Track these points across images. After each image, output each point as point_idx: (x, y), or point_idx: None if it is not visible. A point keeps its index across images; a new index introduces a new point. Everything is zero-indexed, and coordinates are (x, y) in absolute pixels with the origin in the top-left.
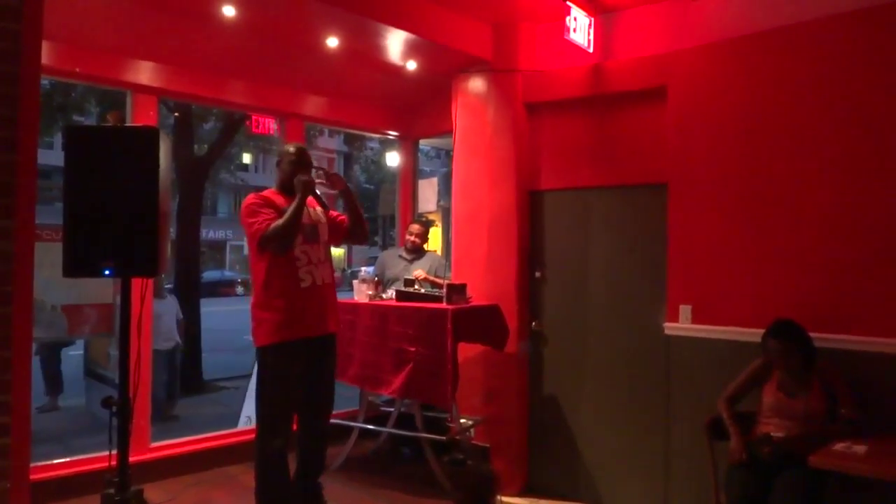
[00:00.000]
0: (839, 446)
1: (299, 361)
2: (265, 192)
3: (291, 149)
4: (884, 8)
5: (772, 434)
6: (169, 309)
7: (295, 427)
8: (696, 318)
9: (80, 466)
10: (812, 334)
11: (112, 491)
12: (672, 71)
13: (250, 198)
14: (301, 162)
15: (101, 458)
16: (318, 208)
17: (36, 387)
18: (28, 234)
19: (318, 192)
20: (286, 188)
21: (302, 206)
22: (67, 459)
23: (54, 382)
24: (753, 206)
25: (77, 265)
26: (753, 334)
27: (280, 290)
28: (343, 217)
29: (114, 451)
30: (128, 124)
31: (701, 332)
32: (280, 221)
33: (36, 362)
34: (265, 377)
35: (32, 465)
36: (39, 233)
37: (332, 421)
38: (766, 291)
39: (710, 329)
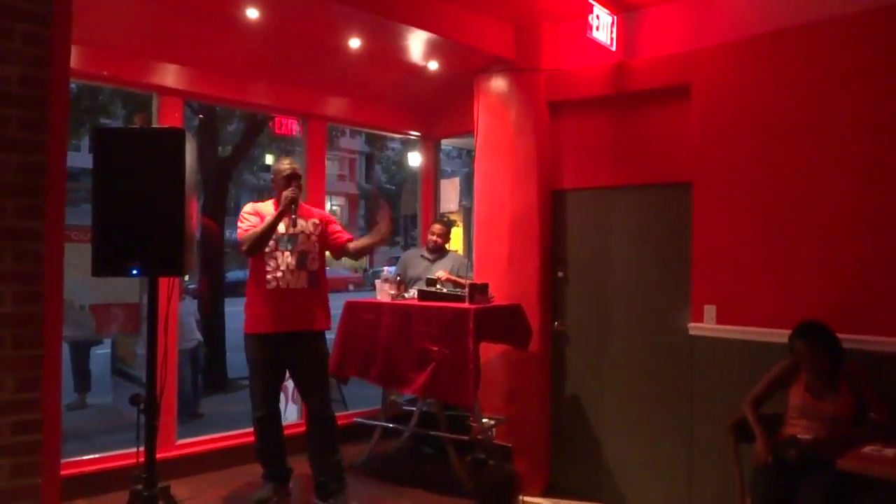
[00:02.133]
0: (868, 449)
1: (265, 352)
2: (262, 203)
3: (285, 166)
4: None
5: (798, 436)
6: (188, 309)
7: (305, 428)
8: (721, 319)
9: (109, 463)
10: (839, 335)
11: (140, 487)
12: (696, 69)
13: (246, 206)
14: (291, 177)
15: (128, 454)
16: (311, 220)
17: (65, 384)
18: (57, 235)
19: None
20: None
21: (278, 219)
22: (96, 456)
23: (83, 380)
24: (779, 205)
25: (105, 265)
26: (779, 335)
27: (252, 289)
28: (340, 235)
29: (141, 448)
30: (154, 126)
31: (726, 333)
32: (253, 230)
33: (65, 360)
34: (246, 361)
35: (62, 461)
36: (68, 233)
37: (356, 420)
38: (792, 291)
39: (736, 329)
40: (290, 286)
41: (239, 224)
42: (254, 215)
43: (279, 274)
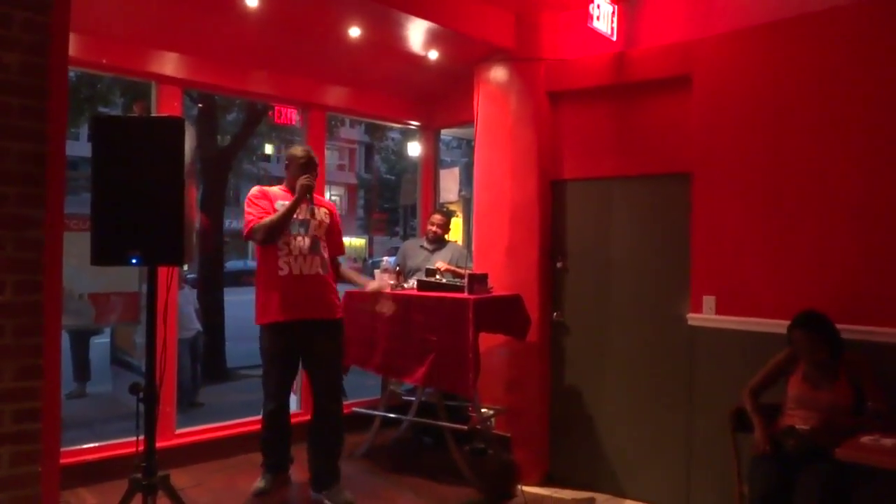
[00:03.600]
0: (866, 439)
1: (279, 342)
2: (273, 187)
3: (300, 153)
4: None
5: (796, 426)
6: (187, 299)
7: (310, 416)
8: (720, 309)
9: (108, 451)
10: (838, 326)
11: (139, 475)
12: (697, 59)
13: (254, 189)
14: (308, 165)
15: (128, 443)
16: (323, 209)
17: (64, 373)
18: (57, 224)
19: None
20: (293, 187)
21: (295, 206)
22: (96, 445)
23: (83, 369)
24: (778, 196)
25: (105, 254)
26: (778, 325)
27: (263, 277)
28: (339, 245)
29: (141, 437)
30: (153, 115)
31: (725, 323)
32: (269, 218)
33: (65, 349)
34: (260, 352)
35: (62, 449)
36: (67, 222)
37: (355, 409)
38: (792, 282)
39: (734, 320)
40: (304, 272)
41: (248, 209)
42: (263, 199)
43: (292, 259)
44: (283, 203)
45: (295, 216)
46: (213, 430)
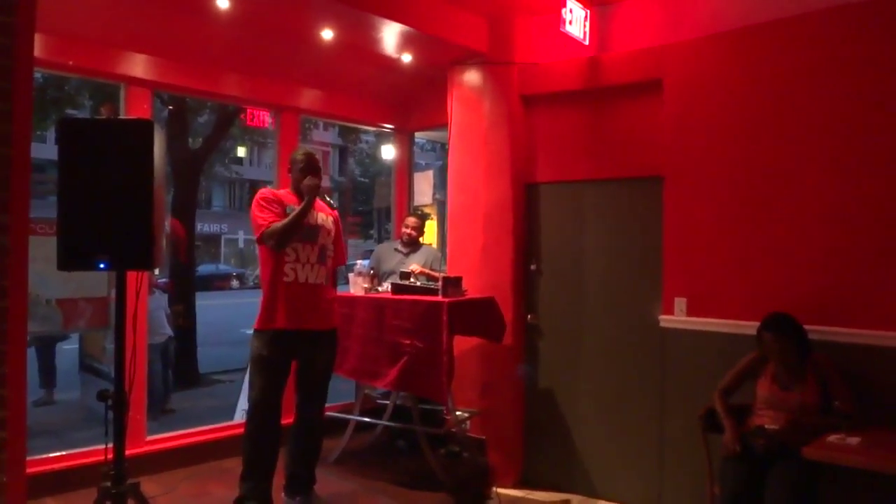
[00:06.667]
0: (833, 438)
1: (277, 351)
2: (280, 191)
3: (300, 156)
4: (882, 0)
5: (765, 426)
6: (158, 304)
7: (291, 420)
8: (692, 311)
9: (77, 460)
10: (807, 327)
11: (108, 484)
12: (668, 64)
13: (263, 192)
14: (309, 167)
15: (97, 451)
16: (329, 217)
17: (31, 381)
18: (22, 228)
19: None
20: (298, 192)
21: (306, 209)
22: (63, 453)
23: (49, 376)
24: (749, 199)
25: (72, 258)
26: (748, 327)
27: (267, 283)
28: (340, 249)
29: (110, 445)
30: (122, 117)
31: (696, 325)
32: (282, 222)
33: (31, 356)
34: (253, 359)
35: (28, 458)
36: (33, 227)
37: (329, 414)
38: (762, 284)
39: (705, 322)
40: (309, 280)
41: (259, 213)
42: (275, 202)
43: (299, 266)
44: (292, 207)
45: (305, 222)
46: (184, 437)
